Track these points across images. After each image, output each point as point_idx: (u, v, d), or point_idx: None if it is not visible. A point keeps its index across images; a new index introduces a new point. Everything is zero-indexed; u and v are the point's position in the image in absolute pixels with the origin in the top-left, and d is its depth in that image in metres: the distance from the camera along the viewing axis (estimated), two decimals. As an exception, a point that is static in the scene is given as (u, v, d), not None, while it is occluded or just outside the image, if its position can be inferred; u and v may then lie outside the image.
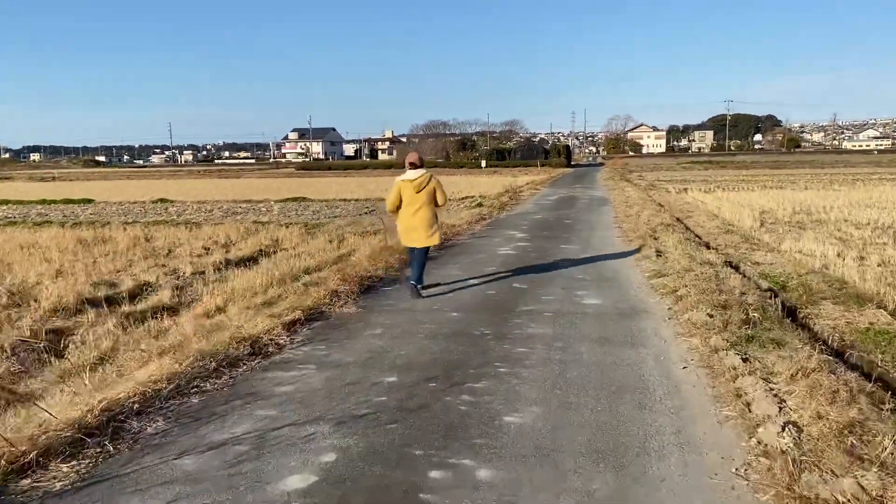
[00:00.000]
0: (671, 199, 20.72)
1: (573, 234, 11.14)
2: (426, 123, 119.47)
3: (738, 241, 11.33)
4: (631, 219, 13.39)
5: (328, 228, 15.49)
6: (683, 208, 17.25)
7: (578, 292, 6.41)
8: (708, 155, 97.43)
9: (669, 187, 28.27)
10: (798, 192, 23.55)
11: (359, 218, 18.17)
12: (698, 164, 61.14)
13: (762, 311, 5.58)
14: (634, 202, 17.63)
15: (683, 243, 9.55)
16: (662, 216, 13.89)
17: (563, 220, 13.76)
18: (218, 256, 11.45)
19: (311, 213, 21.26)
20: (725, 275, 7.08)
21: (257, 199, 28.16)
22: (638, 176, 41.56)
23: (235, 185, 43.81)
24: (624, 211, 15.44)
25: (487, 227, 12.65)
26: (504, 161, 70.48)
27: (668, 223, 12.05)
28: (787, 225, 14.03)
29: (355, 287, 6.57)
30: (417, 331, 5.07)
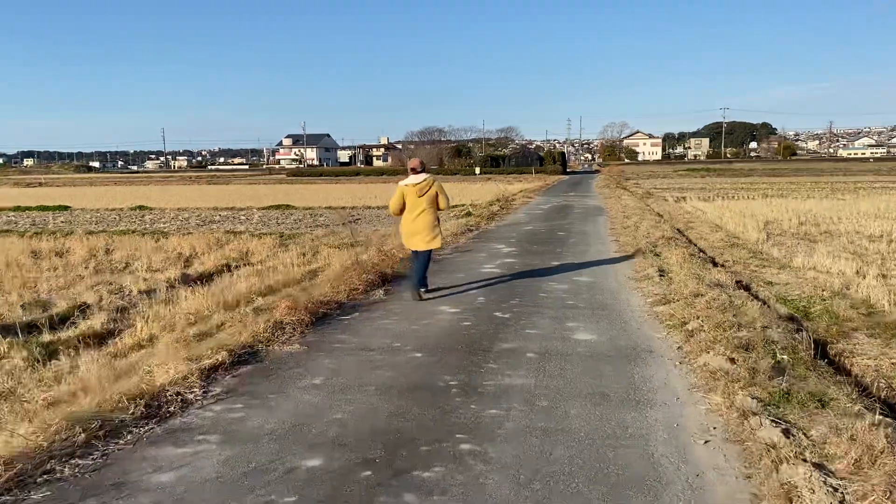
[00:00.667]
0: (670, 209, 19.77)
1: (566, 249, 10.13)
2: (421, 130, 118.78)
3: (746, 256, 10.35)
4: (629, 231, 12.40)
5: (304, 240, 14.45)
6: (683, 218, 16.29)
7: (569, 324, 5.39)
8: (704, 162, 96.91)
9: (667, 195, 27.35)
10: (801, 201, 22.65)
11: (339, 228, 17.13)
12: (695, 172, 60.41)
13: (792, 352, 4.58)
14: (632, 212, 16.66)
15: (688, 260, 8.55)
16: (662, 228, 12.91)
17: (555, 232, 12.75)
18: (174, 272, 10.38)
19: (291, 222, 20.24)
20: (741, 301, 6.07)
21: (240, 207, 27.11)
22: (634, 184, 40.67)
23: (222, 191, 42.73)
24: (621, 221, 14.46)
25: (473, 239, 11.63)
26: (499, 168, 69.64)
27: (669, 236, 11.06)
28: (795, 237, 13.08)
29: (307, 316, 5.52)
30: (367, 380, 4.04)
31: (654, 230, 12.30)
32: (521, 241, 11.24)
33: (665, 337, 4.99)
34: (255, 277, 9.32)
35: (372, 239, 14.30)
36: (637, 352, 4.58)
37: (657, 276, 7.32)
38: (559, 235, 12.21)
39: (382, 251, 8.93)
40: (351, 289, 6.79)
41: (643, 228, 12.60)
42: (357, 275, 7.15)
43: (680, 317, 5.42)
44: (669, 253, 9.12)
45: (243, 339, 4.96)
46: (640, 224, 13.36)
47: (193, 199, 32.62)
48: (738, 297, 6.52)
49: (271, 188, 45.98)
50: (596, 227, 13.74)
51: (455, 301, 6.34)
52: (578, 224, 14.46)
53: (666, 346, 4.72)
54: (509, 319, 5.54)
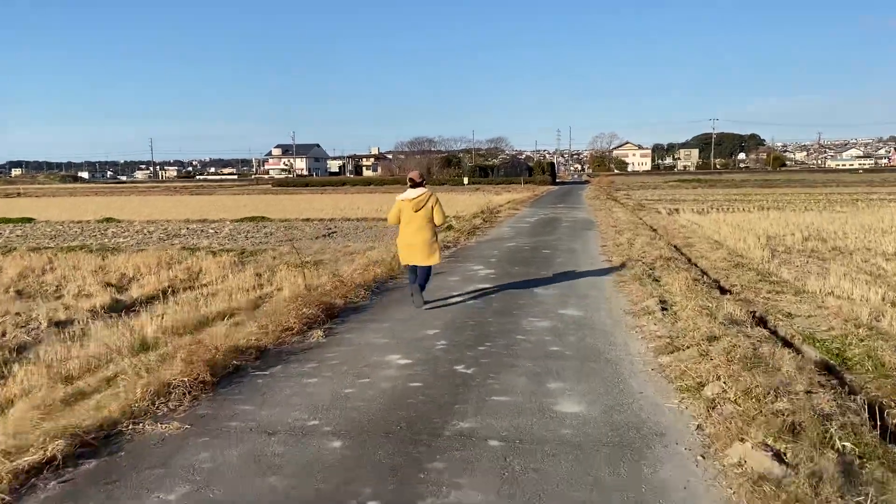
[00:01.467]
0: (664, 222, 18.61)
1: (551, 272, 8.85)
2: (411, 140, 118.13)
3: (754, 278, 9.14)
4: (622, 249, 11.17)
5: (266, 257, 13.13)
6: (680, 234, 15.10)
7: (551, 384, 4.11)
8: (694, 173, 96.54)
9: (659, 207, 26.25)
10: (799, 213, 21.58)
11: (308, 243, 15.80)
12: (686, 183, 59.55)
13: (854, 434, 3.32)
14: (624, 226, 15.47)
15: (692, 288, 7.31)
16: (658, 245, 11.70)
17: (540, 250, 11.49)
18: (104, 298, 9.01)
19: (262, 236, 18.89)
20: (767, 348, 4.82)
21: (213, 219, 25.73)
22: (625, 195, 39.63)
23: (202, 202, 41.31)
24: (613, 238, 13.24)
25: (449, 258, 10.34)
26: (487, 178, 68.59)
27: (668, 256, 9.84)
28: (802, 255, 11.93)
29: (208, 374, 4.20)
30: (247, 498, 2.73)
31: (649, 248, 11.08)
32: (502, 261, 9.97)
33: (678, 408, 3.71)
34: (189, 307, 8.00)
35: (339, 257, 13.00)
36: (643, 436, 3.30)
37: (659, 311, 6.06)
38: (544, 254, 10.95)
39: (338, 276, 7.63)
40: (284, 328, 5.48)
41: (638, 246, 11.38)
42: (296, 309, 5.83)
43: (694, 374, 4.15)
44: (670, 278, 7.89)
45: (109, 410, 3.64)
46: (635, 241, 12.15)
47: (168, 211, 31.18)
48: (760, 339, 5.28)
49: (253, 199, 44.58)
50: (586, 244, 12.50)
51: (409, 346, 5.04)
52: (566, 240, 13.22)
53: (681, 426, 3.44)
54: (473, 377, 4.24)
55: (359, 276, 8.02)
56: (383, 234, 18.52)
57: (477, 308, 6.47)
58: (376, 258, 10.32)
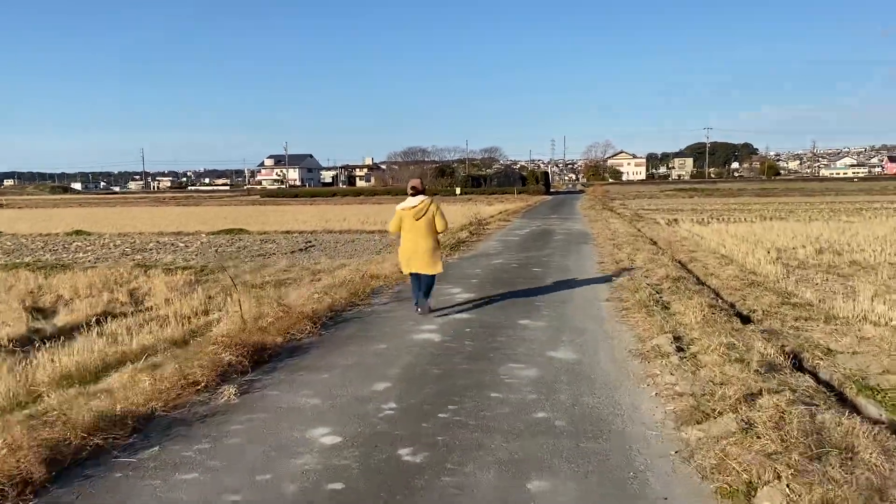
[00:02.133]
0: (664, 234, 17.41)
1: (541, 298, 7.57)
2: (404, 150, 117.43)
3: (775, 301, 7.90)
4: (622, 265, 9.92)
5: (225, 276, 11.81)
6: (683, 248, 13.88)
7: (533, 484, 2.82)
8: (689, 182, 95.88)
9: (657, 218, 25.08)
10: (804, 224, 20.43)
11: (277, 259, 14.49)
12: (682, 192, 58.59)
13: None
14: (623, 239, 14.24)
15: (710, 318, 6.05)
16: (662, 261, 10.45)
17: (529, 269, 10.22)
18: (13, 329, 7.66)
19: (234, 250, 17.59)
20: (831, 419, 3.54)
21: (188, 232, 24.40)
22: (620, 204, 38.51)
23: (183, 213, 39.97)
24: (611, 252, 12.00)
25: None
26: (480, 188, 67.47)
27: (676, 276, 8.58)
28: (819, 270, 10.73)
29: (42, 464, 2.90)
30: None
31: (653, 265, 9.84)
32: (485, 283, 8.68)
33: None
34: (107, 341, 6.68)
35: (305, 275, 11.70)
36: None
37: (674, 352, 4.80)
38: (534, 273, 9.68)
39: (283, 305, 6.32)
40: (189, 382, 4.17)
41: (640, 262, 10.14)
42: (209, 357, 4.53)
43: (739, 466, 2.88)
44: (682, 304, 6.63)
45: None
46: (636, 256, 10.90)
47: (145, 223, 29.78)
48: (809, 393, 4.03)
49: (238, 210, 43.26)
50: (581, 261, 11.24)
51: (345, 412, 3.74)
52: (559, 256, 11.96)
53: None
54: (421, 471, 2.95)
55: (313, 303, 6.73)
56: (364, 248, 17.27)
57: (446, 348, 5.17)
58: (343, 279, 9.05)
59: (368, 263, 11.08)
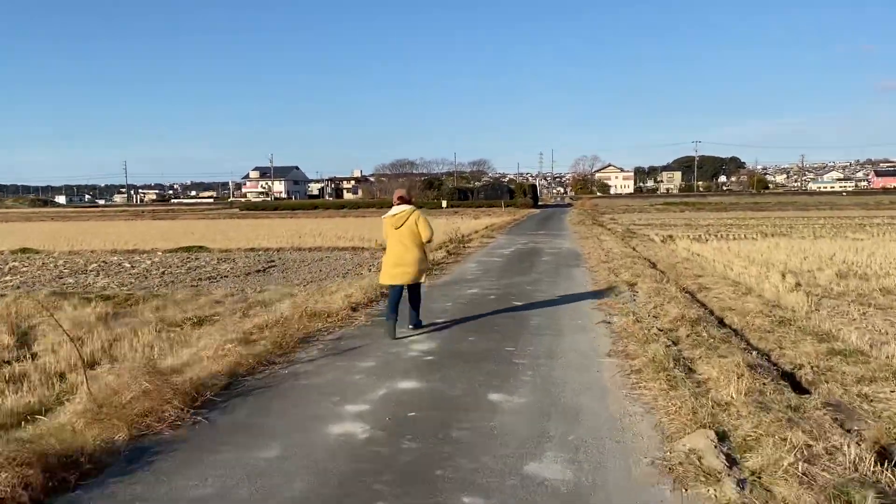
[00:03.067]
0: (662, 254, 15.74)
1: (522, 349, 5.77)
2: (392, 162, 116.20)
3: (819, 350, 6.19)
4: (622, 299, 8.16)
5: (147, 307, 9.90)
6: (687, 270, 12.19)
7: None
8: (678, 196, 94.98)
9: (651, 234, 23.46)
10: (811, 241, 18.87)
11: (220, 284, 12.59)
12: (673, 206, 57.34)
13: None
14: (619, 262, 12.51)
15: (758, 394, 4.29)
16: (669, 292, 8.72)
17: (510, 302, 8.43)
18: None
19: (183, 271, 15.68)
20: None
21: (144, 250, 22.42)
22: (611, 219, 36.98)
23: (153, 228, 37.94)
24: (606, 279, 10.26)
25: (378, 317, 7.27)
26: (467, 201, 65.89)
27: (692, 317, 6.80)
28: (847, 300, 9.11)
29: None
30: None
31: (659, 298, 8.09)
32: (452, 325, 6.87)
33: None
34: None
35: (238, 309, 9.82)
36: None
37: (723, 468, 3.03)
38: (514, 308, 7.89)
39: (157, 371, 4.48)
40: None
41: (643, 294, 8.40)
42: (12, 469, 2.70)
43: None
44: (711, 364, 4.87)
45: None
46: (637, 285, 9.17)
47: (103, 239, 27.68)
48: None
49: (212, 224, 41.28)
50: (572, 290, 9.48)
51: None
52: (547, 283, 10.19)
53: None
54: None
55: (208, 363, 4.90)
56: (331, 268, 15.46)
57: (371, 457, 3.35)
58: (277, 317, 7.21)
59: (319, 293, 9.25)
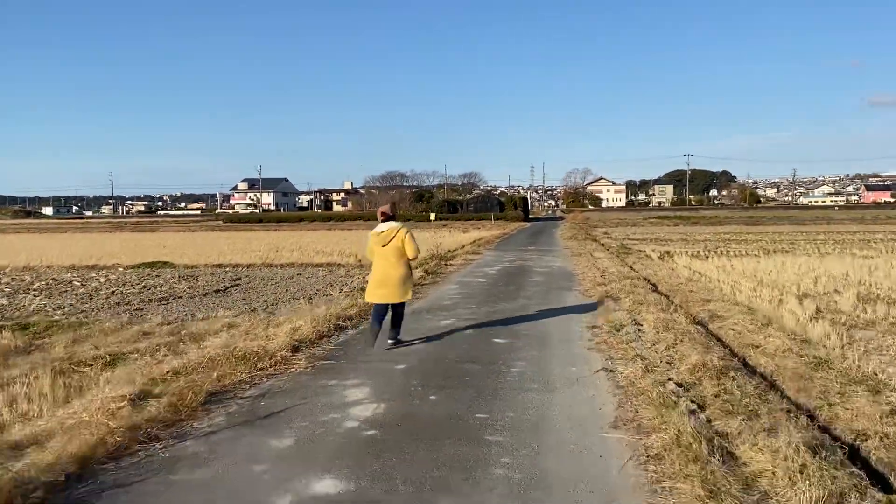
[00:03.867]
0: (662, 273, 14.38)
1: (496, 413, 4.30)
2: (382, 175, 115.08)
3: (883, 411, 4.79)
4: (626, 336, 6.74)
5: (62, 339, 8.37)
6: (693, 294, 10.81)
7: None
8: (671, 209, 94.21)
9: (647, 249, 22.14)
10: (818, 259, 17.59)
11: (168, 308, 11.07)
12: (666, 220, 56.28)
13: None
14: (617, 285, 11.10)
15: (813, 482, 2.88)
16: (679, 325, 7.31)
17: (488, 339, 6.97)
18: None
19: (134, 292, 14.13)
20: None
21: (105, 265, 20.79)
22: (604, 233, 35.71)
23: (125, 241, 36.27)
24: (604, 304, 8.85)
25: (324, 361, 5.80)
26: (456, 214, 64.58)
27: (717, 366, 5.38)
28: (880, 330, 7.78)
29: None
30: None
31: (669, 334, 6.67)
32: (412, 375, 5.40)
33: None
34: None
35: (165, 344, 8.26)
36: None
37: None
38: (495, 349, 6.45)
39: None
40: None
41: (649, 328, 6.99)
42: None
43: None
44: (755, 447, 3.46)
45: None
46: (642, 314, 7.75)
47: (65, 254, 25.97)
48: None
49: (188, 237, 39.64)
50: (564, 324, 8.04)
51: None
52: (535, 312, 8.75)
53: None
54: None
55: (62, 439, 3.44)
56: (299, 287, 13.98)
57: None
58: (200, 359, 5.75)
59: (264, 325, 7.77)
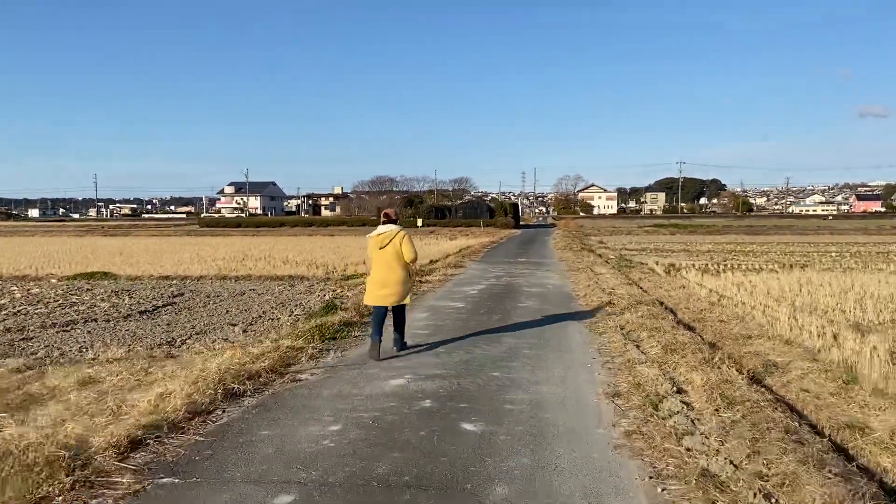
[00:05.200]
0: (676, 294, 12.14)
1: None
2: (372, 179, 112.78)
3: None
4: (669, 422, 4.49)
5: None
6: (724, 326, 8.56)
7: None
8: (664, 217, 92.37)
9: (649, 262, 19.93)
10: (844, 275, 15.44)
11: (65, 333, 8.66)
12: (661, 228, 54.26)
13: None
14: (633, 318, 8.82)
15: None
16: (740, 392, 5.05)
17: (451, 422, 4.64)
18: None
19: (45, 311, 11.74)
20: None
21: (38, 276, 18.28)
22: (599, 242, 33.57)
23: (85, 246, 33.64)
24: (622, 351, 6.58)
25: (159, 479, 3.52)
26: (445, 220, 62.30)
27: (802, 453, 3.16)
28: None
29: None
30: None
31: (736, 414, 4.42)
32: (327, 485, 3.12)
33: None
34: None
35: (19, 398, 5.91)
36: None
37: None
38: (462, 449, 4.14)
39: None
40: None
41: (701, 404, 4.73)
42: None
43: None
44: None
45: None
46: (680, 371, 5.49)
47: (7, 259, 23.37)
48: None
49: (154, 243, 37.06)
50: (570, 390, 5.74)
51: None
52: (526, 365, 6.39)
53: None
54: None
55: None
56: (246, 307, 11.65)
57: None
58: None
59: (129, 385, 5.42)
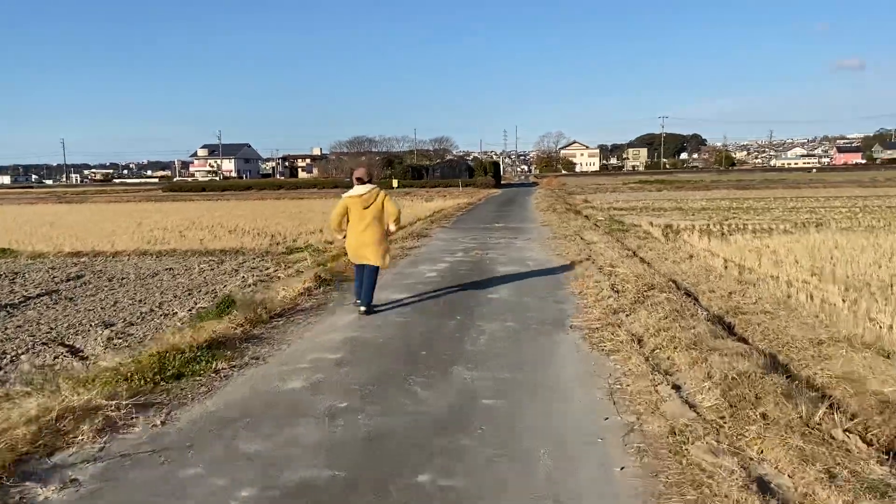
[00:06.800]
0: (686, 266, 9.73)
1: None
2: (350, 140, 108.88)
3: None
4: None
5: None
6: (778, 325, 6.19)
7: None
8: (647, 173, 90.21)
9: (643, 223, 17.49)
10: (866, 233, 13.22)
11: None
12: (647, 184, 51.92)
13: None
14: (650, 320, 6.43)
15: None
16: (855, 465, 2.67)
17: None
18: None
19: None
20: None
21: (-72, 253, 15.40)
22: (584, 201, 31.08)
23: (21, 216, 30.49)
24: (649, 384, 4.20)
25: None
26: (422, 180, 59.34)
27: None
28: None
29: None
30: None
31: None
32: None
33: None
34: None
35: None
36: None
37: None
38: None
39: None
40: None
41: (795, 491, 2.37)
42: None
43: None
44: None
45: None
46: (747, 439, 3.12)
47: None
48: None
49: (98, 210, 33.92)
50: (569, 480, 3.32)
51: None
52: (487, 427, 4.04)
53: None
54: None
55: None
56: (147, 295, 9.11)
57: None
58: None
59: None
